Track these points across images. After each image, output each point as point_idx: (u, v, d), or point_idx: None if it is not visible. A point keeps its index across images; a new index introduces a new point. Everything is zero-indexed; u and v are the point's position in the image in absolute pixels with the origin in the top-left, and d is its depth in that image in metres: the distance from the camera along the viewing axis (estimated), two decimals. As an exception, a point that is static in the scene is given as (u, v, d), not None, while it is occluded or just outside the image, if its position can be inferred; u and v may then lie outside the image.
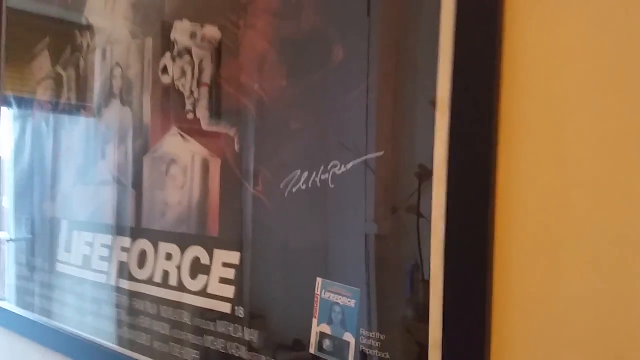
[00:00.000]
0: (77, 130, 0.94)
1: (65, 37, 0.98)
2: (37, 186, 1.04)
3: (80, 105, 0.93)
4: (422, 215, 0.51)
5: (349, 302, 0.57)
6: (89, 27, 0.92)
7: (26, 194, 1.08)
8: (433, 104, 0.50)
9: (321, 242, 0.59)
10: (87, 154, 0.92)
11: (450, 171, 0.48)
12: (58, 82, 0.99)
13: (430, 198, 0.50)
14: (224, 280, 0.70)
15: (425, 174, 0.50)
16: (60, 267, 0.97)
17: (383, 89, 0.54)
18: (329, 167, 0.59)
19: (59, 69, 0.98)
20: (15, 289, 1.12)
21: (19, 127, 1.10)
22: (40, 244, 1.03)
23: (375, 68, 0.54)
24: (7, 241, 1.14)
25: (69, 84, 0.96)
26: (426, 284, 0.50)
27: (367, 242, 0.55)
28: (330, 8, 0.59)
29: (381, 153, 0.54)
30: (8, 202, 1.14)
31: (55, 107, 1.00)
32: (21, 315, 1.07)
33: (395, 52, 0.53)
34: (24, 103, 1.09)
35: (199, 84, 0.73)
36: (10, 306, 1.12)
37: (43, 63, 1.02)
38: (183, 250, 0.75)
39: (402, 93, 0.53)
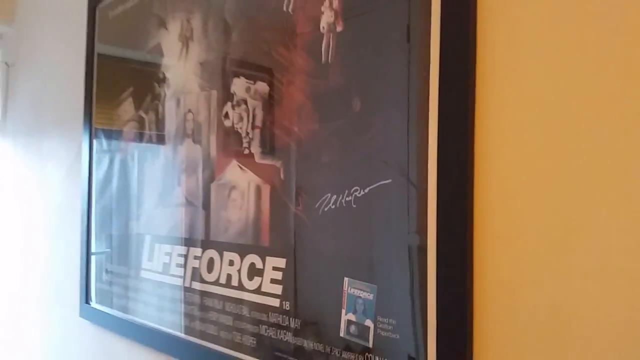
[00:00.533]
0: (157, 163, 1.17)
1: (146, 88, 1.21)
2: (123, 208, 1.28)
3: (159, 142, 1.16)
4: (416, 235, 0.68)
5: (369, 295, 0.75)
6: (165, 80, 1.15)
7: (108, 216, 1.32)
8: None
9: (347, 249, 0.77)
10: (165, 182, 1.14)
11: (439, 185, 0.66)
12: (141, 123, 1.23)
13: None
14: (273, 281, 0.89)
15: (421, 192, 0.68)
16: (143, 274, 1.20)
17: (370, 126, 0.72)
18: (352, 191, 0.77)
19: (142, 113, 1.22)
20: (101, 292, 1.36)
21: (107, 161, 1.35)
22: (124, 256, 1.26)
23: (384, 115, 0.73)
24: (92, 254, 1.39)
25: (150, 125, 1.20)
26: (424, 283, 0.67)
27: (365, 251, 0.73)
28: (350, 70, 0.77)
29: (389, 180, 0.72)
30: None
31: (139, 144, 1.24)
32: (107, 313, 1.31)
33: (387, 113, 0.71)
34: (111, 139, 1.34)
35: (253, 127, 0.94)
36: (98, 306, 1.36)
37: (128, 108, 1.27)
38: (242, 257, 0.95)
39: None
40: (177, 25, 1.13)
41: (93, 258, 1.40)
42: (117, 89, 1.33)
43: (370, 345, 0.73)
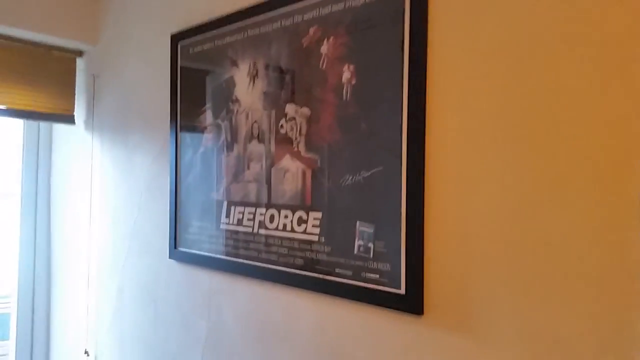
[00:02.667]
0: (231, 155, 1.80)
1: (222, 104, 1.84)
2: (205, 184, 1.91)
3: (233, 141, 1.79)
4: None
5: (370, 230, 1.39)
6: (237, 101, 1.78)
7: (193, 190, 1.96)
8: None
9: (358, 205, 1.41)
10: (237, 167, 1.78)
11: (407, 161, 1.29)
12: (218, 128, 1.85)
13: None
14: (314, 226, 1.53)
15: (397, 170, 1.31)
16: (222, 226, 1.84)
17: (371, 137, 1.35)
18: (361, 172, 1.40)
19: (219, 121, 1.85)
20: (186, 240, 2.00)
21: (191, 152, 1.98)
22: (208, 215, 1.90)
23: (379, 131, 1.36)
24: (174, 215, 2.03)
25: (225, 130, 1.83)
26: (398, 220, 1.31)
27: (368, 206, 1.36)
28: (360, 106, 1.40)
29: (380, 168, 1.35)
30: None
31: (216, 142, 1.86)
32: (194, 253, 1.95)
33: (379, 129, 1.34)
34: (194, 138, 1.97)
35: (300, 134, 1.57)
36: (185, 249, 2.01)
37: (208, 117, 1.89)
38: (293, 212, 1.59)
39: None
40: (247, 66, 1.75)
41: (180, 218, 2.04)
42: (198, 103, 1.95)
43: (371, 256, 1.38)
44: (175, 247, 2.06)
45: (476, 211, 1.19)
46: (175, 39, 2.06)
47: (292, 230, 1.59)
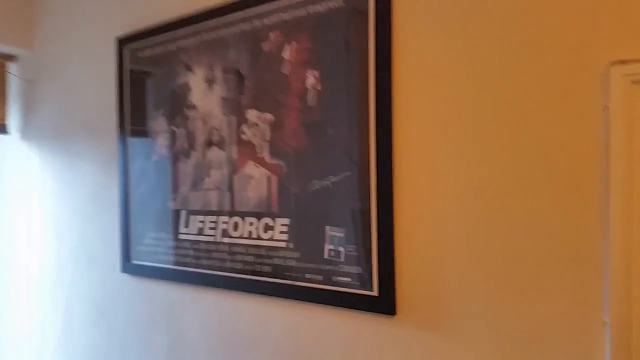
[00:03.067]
0: (189, 162, 1.75)
1: (176, 110, 1.78)
2: (159, 194, 1.84)
3: (190, 148, 1.74)
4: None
5: (340, 233, 1.39)
6: (194, 107, 1.73)
7: (146, 200, 1.88)
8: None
9: (326, 210, 1.41)
10: (196, 174, 1.73)
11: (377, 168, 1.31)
12: (172, 134, 1.79)
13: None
14: (282, 232, 1.51)
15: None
16: (181, 236, 1.78)
17: (338, 142, 1.36)
18: (328, 177, 1.41)
19: (173, 128, 1.79)
20: (141, 252, 1.92)
21: (142, 160, 1.90)
22: (164, 225, 1.83)
23: (346, 136, 1.36)
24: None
25: (180, 136, 1.77)
26: (368, 224, 1.32)
27: (337, 211, 1.37)
28: (325, 111, 1.40)
29: (349, 173, 1.36)
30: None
31: (171, 149, 1.80)
32: (149, 265, 1.88)
33: (347, 134, 1.35)
34: (145, 144, 1.89)
35: (263, 140, 1.55)
36: (139, 262, 1.93)
37: (161, 123, 1.83)
38: (259, 219, 1.56)
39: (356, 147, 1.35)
40: (202, 71, 1.70)
41: (132, 229, 1.95)
42: (149, 109, 1.88)
43: (342, 260, 1.39)
44: (127, 260, 1.98)
45: (445, 213, 1.23)
46: (122, 42, 1.97)
47: (258, 238, 1.57)
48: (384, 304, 1.32)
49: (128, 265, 1.98)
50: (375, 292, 1.33)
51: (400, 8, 1.29)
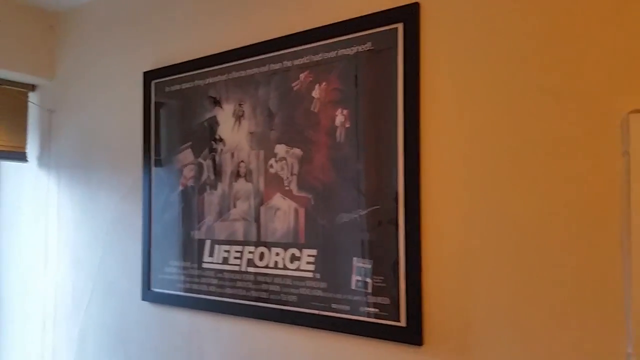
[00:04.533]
0: (215, 193, 1.81)
1: (204, 143, 1.85)
2: (185, 223, 1.89)
3: (216, 180, 1.80)
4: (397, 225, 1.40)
5: (367, 265, 1.45)
6: (222, 140, 1.80)
7: (170, 229, 1.93)
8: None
9: (354, 242, 1.47)
10: (222, 205, 1.79)
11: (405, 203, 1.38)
12: (199, 167, 1.86)
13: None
14: (308, 263, 1.57)
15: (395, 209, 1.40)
16: (205, 265, 1.83)
17: (367, 177, 1.43)
18: (357, 211, 1.47)
19: (200, 160, 1.86)
20: (162, 280, 1.96)
21: (167, 190, 1.96)
22: (188, 254, 1.88)
23: (374, 171, 1.44)
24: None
25: (208, 168, 1.83)
26: (396, 256, 1.39)
27: (365, 243, 1.44)
28: (355, 146, 1.48)
29: (377, 206, 1.43)
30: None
31: (197, 180, 1.86)
32: (170, 293, 1.92)
33: (376, 170, 1.42)
34: (171, 175, 1.95)
35: (291, 174, 1.61)
36: (160, 290, 1.96)
37: (187, 155, 1.89)
38: (285, 250, 1.62)
39: (384, 181, 1.42)
40: (231, 107, 1.78)
41: (154, 258, 1.99)
42: (176, 141, 1.94)
43: (370, 291, 1.44)
44: (148, 288, 2.01)
45: (472, 246, 1.30)
46: (149, 76, 2.05)
47: (285, 268, 1.63)
48: (411, 334, 1.37)
49: (148, 293, 2.01)
50: (402, 323, 1.39)
51: (428, 50, 1.38)
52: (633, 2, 1.12)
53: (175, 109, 1.96)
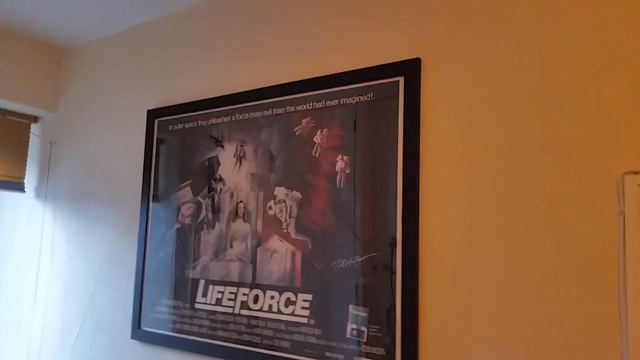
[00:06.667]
0: (212, 232, 1.81)
1: (203, 181, 1.86)
2: (180, 262, 1.88)
3: (214, 219, 1.81)
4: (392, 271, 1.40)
5: (363, 313, 1.45)
6: (221, 180, 1.81)
7: (164, 267, 1.92)
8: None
9: (350, 289, 1.47)
10: (218, 245, 1.78)
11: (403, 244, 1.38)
12: (198, 205, 1.86)
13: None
14: (303, 308, 1.56)
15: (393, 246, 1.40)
16: (198, 305, 1.81)
17: (365, 224, 1.44)
18: (355, 257, 1.47)
19: (199, 199, 1.86)
20: (153, 319, 1.93)
21: (164, 228, 1.95)
22: (180, 293, 1.86)
23: (373, 218, 1.45)
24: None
25: (206, 207, 1.84)
26: (393, 305, 1.38)
27: (361, 290, 1.43)
28: (355, 193, 1.49)
29: (375, 254, 1.43)
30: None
31: (195, 218, 1.87)
32: (161, 333, 1.88)
33: (374, 216, 1.43)
34: (169, 213, 1.95)
35: (290, 217, 1.62)
36: (150, 329, 1.93)
37: (186, 193, 1.90)
38: (280, 293, 1.61)
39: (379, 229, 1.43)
40: (233, 147, 1.80)
41: (146, 296, 1.97)
42: (176, 179, 1.95)
43: (365, 340, 1.43)
44: (139, 327, 1.98)
45: (469, 301, 1.29)
46: (153, 114, 2.07)
47: (279, 312, 1.61)
48: (405, 385, 1.35)
49: (138, 332, 1.98)
50: (397, 374, 1.37)
51: (428, 103, 1.41)
52: (629, 63, 1.16)
53: (177, 147, 1.98)
